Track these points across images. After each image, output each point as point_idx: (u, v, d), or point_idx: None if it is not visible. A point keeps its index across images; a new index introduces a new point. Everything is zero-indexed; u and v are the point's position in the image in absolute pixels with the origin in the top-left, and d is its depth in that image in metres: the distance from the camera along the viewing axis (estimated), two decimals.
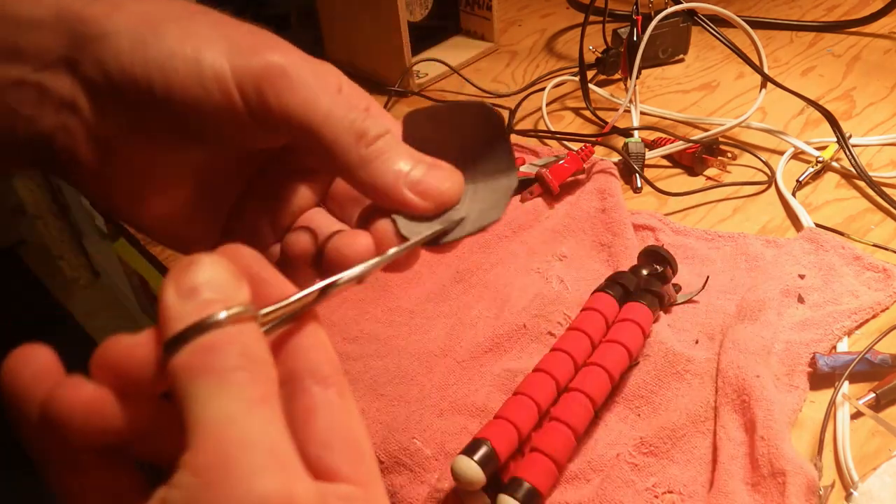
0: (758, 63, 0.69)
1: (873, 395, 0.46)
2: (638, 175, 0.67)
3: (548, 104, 0.79)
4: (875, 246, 0.58)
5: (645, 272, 0.53)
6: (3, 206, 1.87)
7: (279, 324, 0.23)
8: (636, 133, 0.71)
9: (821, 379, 0.48)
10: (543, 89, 0.79)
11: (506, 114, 0.78)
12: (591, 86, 0.78)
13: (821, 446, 0.44)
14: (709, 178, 0.69)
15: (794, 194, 0.64)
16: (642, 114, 0.76)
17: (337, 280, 0.24)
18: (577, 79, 0.78)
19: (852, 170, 0.65)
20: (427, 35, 0.89)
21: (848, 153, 0.65)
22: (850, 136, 0.68)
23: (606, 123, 0.73)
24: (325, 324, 0.60)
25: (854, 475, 0.43)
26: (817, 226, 0.60)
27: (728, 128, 0.69)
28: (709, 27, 0.71)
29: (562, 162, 0.66)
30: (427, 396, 0.49)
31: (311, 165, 0.31)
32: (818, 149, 0.69)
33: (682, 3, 0.71)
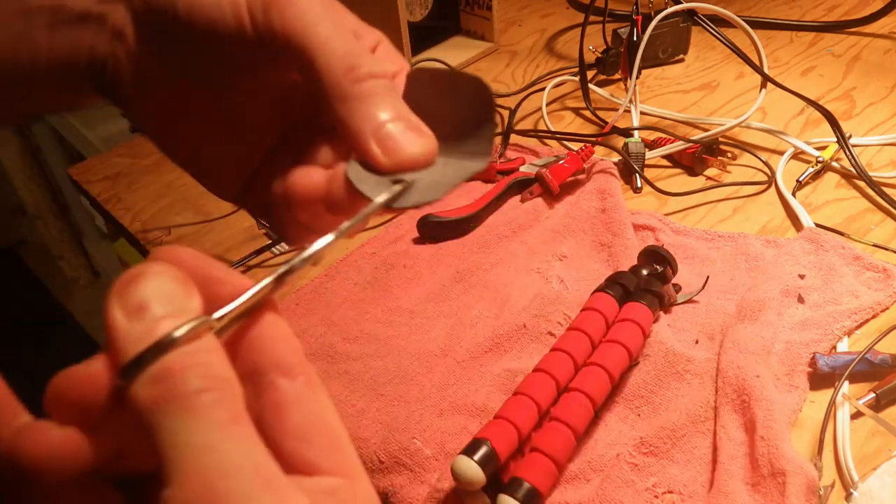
0: (758, 63, 0.69)
1: (873, 395, 0.46)
2: (638, 175, 0.67)
3: (548, 104, 0.79)
4: (875, 246, 0.58)
5: (645, 272, 0.53)
6: (3, 206, 1.87)
7: (237, 320, 0.21)
8: (636, 133, 0.71)
9: (821, 379, 0.48)
10: (543, 89, 0.79)
11: (506, 114, 0.78)
12: (591, 86, 0.78)
13: (821, 446, 0.44)
14: (709, 178, 0.69)
15: (794, 194, 0.64)
16: (642, 114, 0.76)
17: (291, 267, 0.23)
18: (577, 79, 0.78)
19: (852, 170, 0.65)
20: (427, 35, 0.89)
21: (848, 153, 0.65)
22: (850, 136, 0.68)
23: (606, 123, 0.73)
24: (325, 324, 0.60)
25: (854, 475, 0.43)
26: (817, 226, 0.60)
27: (728, 128, 0.69)
28: (709, 27, 0.71)
29: (562, 162, 0.66)
30: (427, 396, 0.49)
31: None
32: (818, 149, 0.69)
33: (682, 3, 0.71)
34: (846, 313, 0.51)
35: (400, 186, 0.27)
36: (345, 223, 0.25)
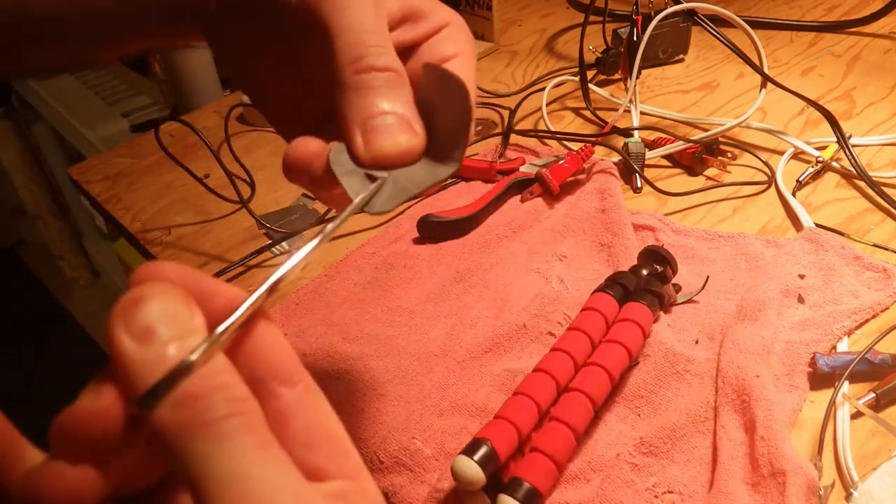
0: (758, 63, 0.69)
1: (873, 395, 0.46)
2: (638, 175, 0.67)
3: (548, 104, 0.79)
4: (875, 246, 0.58)
5: (645, 272, 0.53)
6: (3, 206, 1.88)
7: (236, 331, 0.21)
8: (636, 133, 0.71)
9: (821, 379, 0.48)
10: (543, 89, 0.79)
11: (506, 114, 0.78)
12: (591, 86, 0.78)
13: (821, 446, 0.44)
14: (709, 178, 0.69)
15: (794, 194, 0.64)
16: (642, 114, 0.76)
17: (283, 275, 0.23)
18: (577, 79, 0.78)
19: (852, 170, 0.65)
20: None
21: (848, 153, 0.65)
22: (850, 136, 0.68)
23: (606, 123, 0.73)
24: (325, 324, 0.60)
25: (854, 475, 0.43)
26: (817, 226, 0.60)
27: (728, 128, 0.69)
28: (709, 27, 0.71)
29: (562, 162, 0.66)
30: (427, 396, 0.49)
31: None
32: (818, 149, 0.69)
33: (682, 3, 0.71)
34: (846, 313, 0.51)
35: (373, 185, 0.27)
36: (328, 226, 0.25)
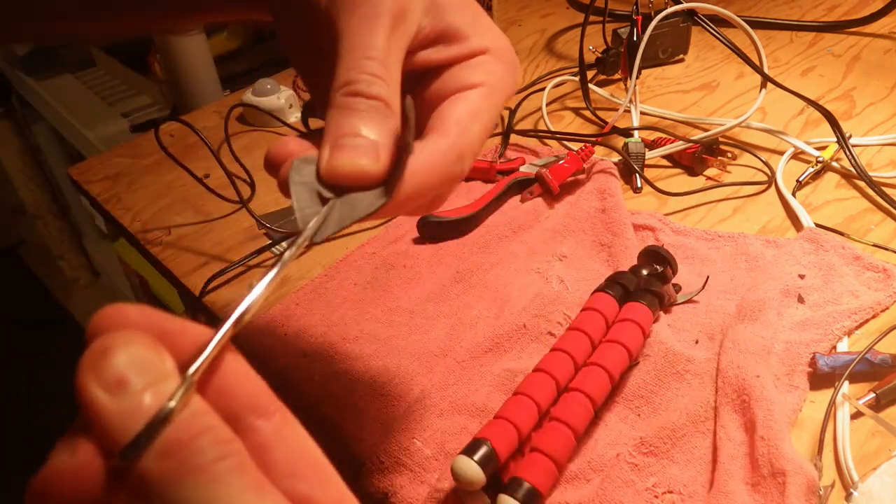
0: (758, 63, 0.69)
1: (873, 395, 0.46)
2: (638, 175, 0.67)
3: (548, 104, 0.79)
4: (875, 246, 0.58)
5: (645, 272, 0.53)
6: (3, 206, 1.88)
7: (206, 369, 0.21)
8: (636, 133, 0.71)
9: (821, 379, 0.48)
10: (543, 89, 0.79)
11: (506, 114, 0.78)
12: (591, 86, 0.78)
13: (821, 446, 0.44)
14: (709, 178, 0.69)
15: (794, 194, 0.64)
16: (642, 114, 0.76)
17: (247, 307, 0.22)
18: (577, 79, 0.78)
19: (852, 170, 0.65)
20: None
21: (848, 153, 0.65)
22: (850, 136, 0.68)
23: (606, 123, 0.73)
24: (325, 324, 0.60)
25: (854, 475, 0.43)
26: (817, 226, 0.60)
27: (728, 128, 0.69)
28: (709, 27, 0.71)
29: (562, 162, 0.66)
30: (427, 396, 0.49)
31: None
32: (818, 149, 0.69)
33: (682, 3, 0.71)
34: (846, 313, 0.51)
35: (323, 208, 0.28)
36: (286, 254, 0.25)
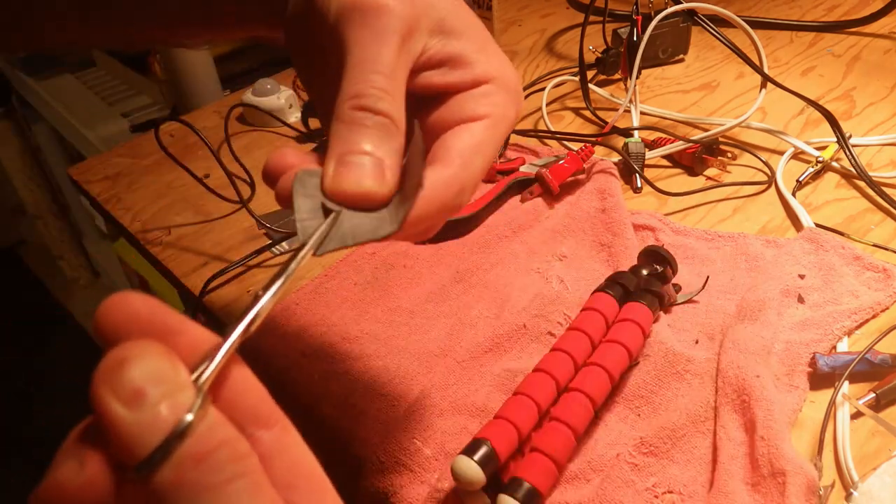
0: (758, 63, 0.69)
1: (873, 395, 0.46)
2: (638, 175, 0.67)
3: (548, 104, 0.79)
4: (875, 246, 0.58)
5: (645, 272, 0.53)
6: (3, 206, 1.88)
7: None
8: (636, 133, 0.71)
9: (821, 379, 0.48)
10: (543, 89, 0.79)
11: None
12: (591, 86, 0.78)
13: (821, 446, 0.44)
14: (709, 178, 0.69)
15: (794, 194, 0.64)
16: (642, 114, 0.76)
17: (255, 316, 0.23)
18: (577, 79, 0.78)
19: (852, 170, 0.65)
20: None
21: (848, 153, 0.65)
22: (850, 136, 0.68)
23: (606, 123, 0.73)
24: (325, 324, 0.60)
25: (854, 475, 0.43)
26: (817, 226, 0.60)
27: (728, 128, 0.69)
28: (709, 27, 0.71)
29: (562, 162, 0.66)
30: (427, 396, 0.49)
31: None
32: (818, 149, 0.69)
33: (682, 3, 0.71)
34: (846, 313, 0.51)
35: (327, 219, 0.28)
36: (291, 265, 0.25)
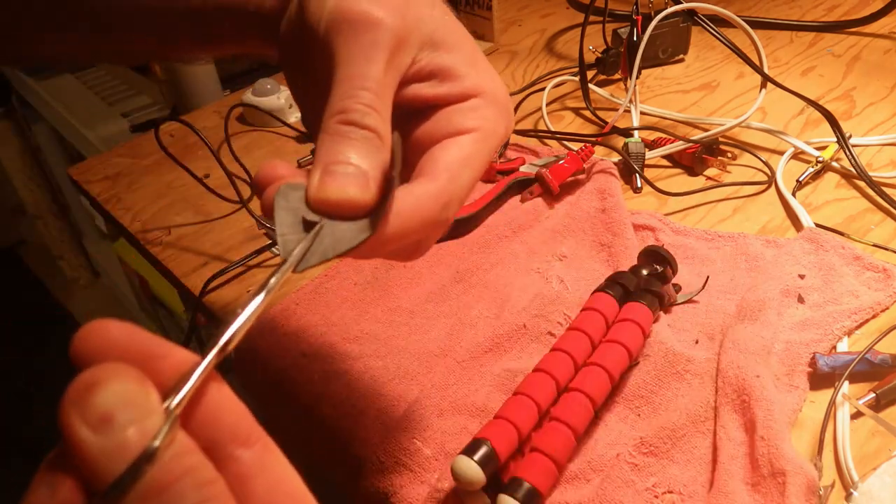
0: (758, 63, 0.69)
1: (873, 395, 0.46)
2: (638, 175, 0.67)
3: (548, 104, 0.79)
4: (875, 246, 0.58)
5: (645, 272, 0.53)
6: (3, 206, 1.88)
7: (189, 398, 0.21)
8: (636, 133, 0.71)
9: (821, 379, 0.48)
10: (543, 89, 0.79)
11: None
12: (591, 86, 0.78)
13: (821, 446, 0.44)
14: (709, 178, 0.69)
15: (794, 194, 0.64)
16: (642, 114, 0.76)
17: (232, 335, 0.22)
18: (577, 79, 0.78)
19: (852, 170, 0.65)
20: None
21: (848, 153, 0.65)
22: (850, 136, 0.68)
23: (606, 123, 0.73)
24: (325, 324, 0.60)
25: (854, 475, 0.43)
26: (817, 226, 0.60)
27: (728, 128, 0.69)
28: (709, 27, 0.71)
29: (562, 162, 0.66)
30: (427, 396, 0.49)
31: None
32: (818, 149, 0.69)
33: (682, 3, 0.71)
34: (846, 313, 0.51)
35: (309, 233, 0.28)
36: (271, 280, 0.25)
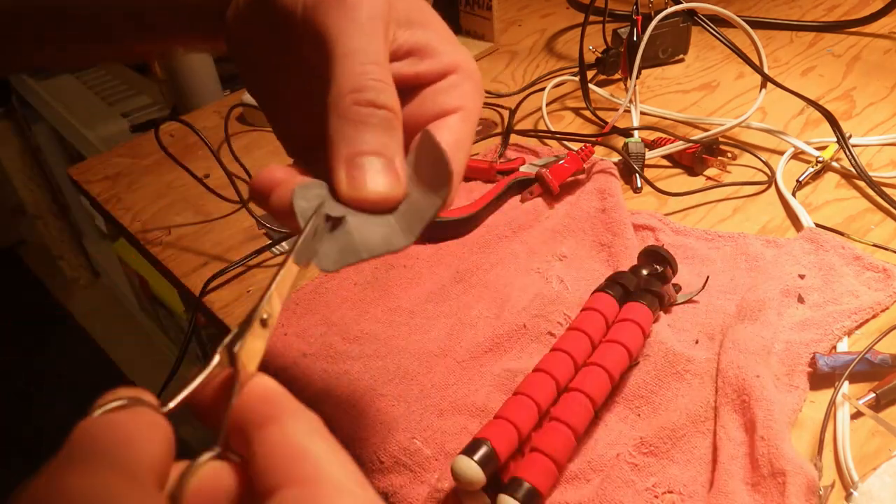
0: (758, 63, 0.69)
1: (873, 395, 0.46)
2: (638, 175, 0.67)
3: (548, 104, 0.79)
4: (875, 246, 0.58)
5: (645, 272, 0.53)
6: (3, 206, 1.88)
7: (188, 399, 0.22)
8: (636, 133, 0.71)
9: (821, 379, 0.48)
10: (543, 89, 0.79)
11: (506, 114, 0.78)
12: (591, 86, 0.78)
13: (821, 446, 0.44)
14: (709, 178, 0.69)
15: (794, 194, 0.64)
16: (642, 114, 0.76)
17: (237, 333, 0.23)
18: (577, 79, 0.78)
19: (852, 170, 0.65)
20: None
21: (848, 153, 0.65)
22: (850, 136, 0.68)
23: (606, 123, 0.73)
24: (325, 324, 0.60)
25: (854, 475, 0.43)
26: (817, 226, 0.60)
27: (728, 128, 0.69)
28: (709, 27, 0.71)
29: (562, 162, 0.66)
30: (427, 396, 0.49)
31: None
32: (818, 149, 0.69)
33: (682, 3, 0.71)
34: (846, 313, 0.51)
35: (331, 236, 0.27)
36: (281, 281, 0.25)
